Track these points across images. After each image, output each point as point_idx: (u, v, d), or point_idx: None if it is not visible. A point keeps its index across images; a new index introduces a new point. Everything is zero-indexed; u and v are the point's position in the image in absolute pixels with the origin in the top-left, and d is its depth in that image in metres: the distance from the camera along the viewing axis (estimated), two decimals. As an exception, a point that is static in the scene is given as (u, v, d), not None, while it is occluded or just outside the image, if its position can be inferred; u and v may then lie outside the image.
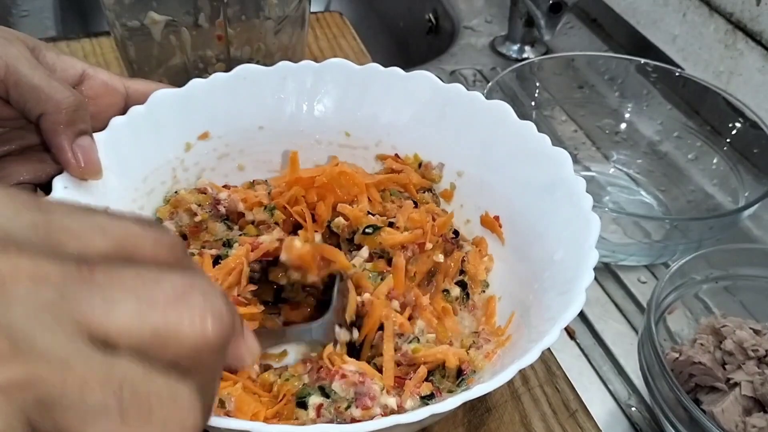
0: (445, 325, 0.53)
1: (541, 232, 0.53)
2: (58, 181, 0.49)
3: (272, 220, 0.57)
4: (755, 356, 0.54)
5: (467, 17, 1.14)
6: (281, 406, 0.46)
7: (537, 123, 0.57)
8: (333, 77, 0.62)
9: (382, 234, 0.53)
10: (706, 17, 0.93)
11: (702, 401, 0.55)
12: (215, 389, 0.25)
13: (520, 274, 0.54)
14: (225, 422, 0.39)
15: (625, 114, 0.87)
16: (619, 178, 0.84)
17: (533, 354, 0.41)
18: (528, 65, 0.83)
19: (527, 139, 0.56)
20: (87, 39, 0.86)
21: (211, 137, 0.60)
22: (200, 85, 0.59)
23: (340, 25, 0.94)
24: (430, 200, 0.61)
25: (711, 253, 0.61)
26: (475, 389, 0.40)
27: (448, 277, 0.56)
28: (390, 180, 0.60)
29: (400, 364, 0.49)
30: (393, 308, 0.51)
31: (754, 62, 0.86)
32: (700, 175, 0.80)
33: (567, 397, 0.53)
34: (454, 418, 0.51)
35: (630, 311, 0.69)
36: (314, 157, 0.64)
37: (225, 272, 0.51)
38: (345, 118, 0.63)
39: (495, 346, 0.50)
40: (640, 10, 1.05)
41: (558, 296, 0.47)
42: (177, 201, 0.56)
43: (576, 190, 0.52)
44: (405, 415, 0.39)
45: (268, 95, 0.61)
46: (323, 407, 0.45)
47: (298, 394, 0.46)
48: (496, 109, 0.58)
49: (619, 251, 0.69)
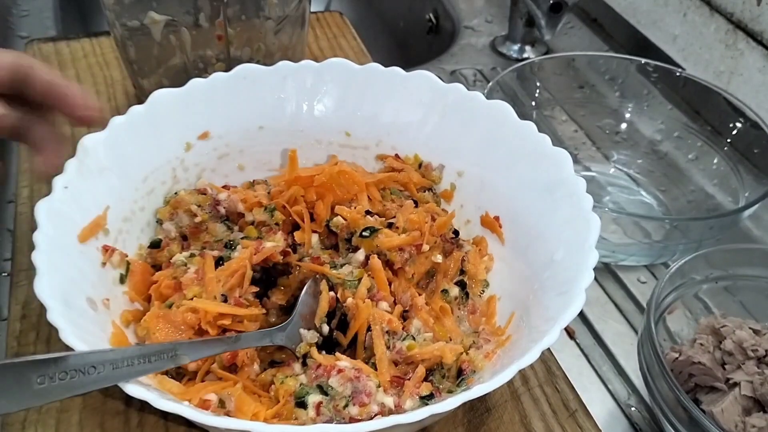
0: (444, 324, 0.53)
1: (541, 232, 0.53)
2: (58, 181, 0.49)
3: (272, 220, 0.57)
4: (755, 356, 0.54)
5: (467, 17, 1.14)
6: (280, 406, 0.46)
7: (537, 123, 0.57)
8: (333, 77, 0.62)
9: (379, 236, 0.54)
10: (706, 17, 0.93)
11: (702, 401, 0.55)
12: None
13: (520, 274, 0.54)
14: (225, 422, 0.39)
15: (625, 114, 0.87)
16: (619, 178, 0.84)
17: (533, 354, 0.41)
18: (528, 65, 0.83)
19: (527, 139, 0.56)
20: (87, 39, 0.86)
21: (211, 137, 0.60)
22: (200, 85, 0.59)
23: (340, 25, 0.94)
24: (431, 199, 0.61)
25: (711, 253, 0.61)
26: (475, 389, 0.40)
27: (447, 277, 0.56)
28: (390, 179, 0.60)
29: (397, 363, 0.49)
30: (382, 309, 0.51)
31: (755, 62, 0.86)
32: (701, 175, 0.80)
33: (567, 397, 0.53)
34: (454, 418, 0.51)
35: (630, 311, 0.69)
36: (314, 157, 0.64)
37: (227, 274, 0.51)
38: (345, 118, 0.63)
39: (495, 346, 0.50)
40: (641, 10, 1.05)
41: (558, 296, 0.47)
42: (177, 202, 0.56)
43: (576, 190, 0.52)
44: (405, 414, 0.39)
45: (268, 95, 0.61)
46: (322, 405, 0.45)
47: (297, 393, 0.46)
48: (497, 109, 0.59)
49: (619, 251, 0.69)
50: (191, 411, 0.39)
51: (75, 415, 0.49)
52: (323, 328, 0.51)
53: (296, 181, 0.58)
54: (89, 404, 0.50)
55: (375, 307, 0.51)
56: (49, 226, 0.47)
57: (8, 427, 0.48)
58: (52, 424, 0.49)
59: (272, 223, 0.57)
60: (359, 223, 0.55)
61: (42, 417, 0.49)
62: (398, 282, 0.55)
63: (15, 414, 0.49)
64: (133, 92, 0.79)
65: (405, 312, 0.53)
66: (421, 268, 0.55)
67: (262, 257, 0.53)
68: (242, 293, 0.51)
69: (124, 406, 0.50)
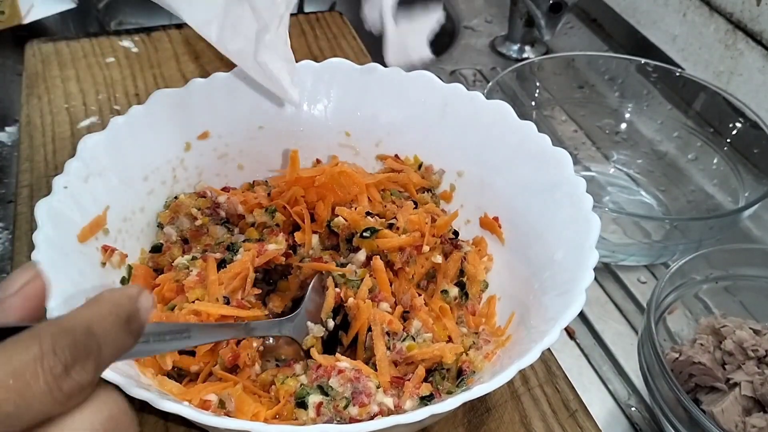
0: (443, 324, 0.53)
1: (541, 232, 0.53)
2: (58, 181, 0.49)
3: (273, 222, 0.57)
4: (755, 356, 0.54)
5: (467, 17, 1.14)
6: (280, 406, 0.46)
7: (537, 123, 0.57)
8: (333, 77, 0.62)
9: (380, 237, 0.54)
10: (706, 17, 0.93)
11: (702, 401, 0.55)
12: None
13: (520, 275, 0.54)
14: (225, 422, 0.39)
15: (625, 114, 0.87)
16: (619, 178, 0.84)
17: (533, 354, 0.41)
18: (528, 65, 0.83)
19: (527, 139, 0.56)
20: (87, 39, 0.86)
21: (211, 137, 0.60)
22: (200, 85, 0.59)
23: (340, 25, 0.94)
24: (430, 200, 0.61)
25: (711, 253, 0.61)
26: (475, 389, 0.40)
27: (447, 278, 0.56)
28: (390, 180, 0.60)
29: (397, 364, 0.49)
30: (383, 309, 0.51)
31: (755, 62, 0.86)
32: (700, 175, 0.80)
33: (567, 397, 0.53)
34: (454, 418, 0.51)
35: (630, 311, 0.69)
36: (314, 157, 0.64)
37: (230, 277, 0.51)
38: (345, 118, 0.63)
39: (495, 346, 0.50)
40: (640, 10, 1.05)
41: (558, 296, 0.47)
42: (177, 206, 0.56)
43: (576, 190, 0.52)
44: (405, 415, 0.39)
45: (268, 95, 0.61)
46: (322, 405, 0.45)
47: (298, 394, 0.46)
48: (496, 109, 0.59)
49: (619, 251, 0.69)
50: (191, 411, 0.39)
51: (75, 415, 0.49)
52: (329, 323, 0.51)
53: (297, 182, 0.58)
54: (89, 404, 0.50)
55: (376, 308, 0.51)
56: (49, 226, 0.47)
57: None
58: (52, 424, 0.49)
59: (273, 224, 0.57)
60: (360, 224, 0.55)
61: (42, 417, 0.49)
62: (399, 283, 0.55)
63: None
64: (133, 92, 0.79)
65: (405, 312, 0.53)
66: (421, 269, 0.55)
67: (265, 260, 0.53)
68: (244, 295, 0.51)
69: (124, 406, 0.50)
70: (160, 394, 0.41)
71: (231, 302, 0.50)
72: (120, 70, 0.81)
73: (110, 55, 0.84)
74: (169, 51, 0.85)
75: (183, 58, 0.84)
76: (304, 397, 0.45)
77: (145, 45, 0.86)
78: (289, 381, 0.47)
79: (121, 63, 0.83)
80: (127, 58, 0.84)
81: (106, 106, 0.77)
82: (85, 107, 0.76)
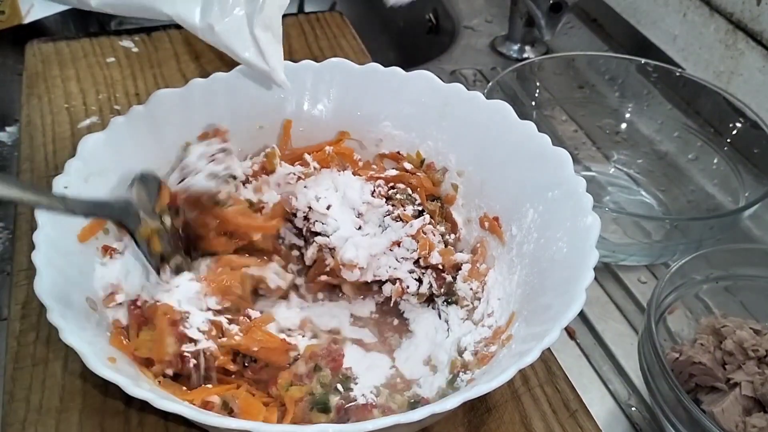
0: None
1: (541, 232, 0.53)
2: (58, 181, 0.49)
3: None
4: (755, 356, 0.54)
5: (467, 17, 1.14)
6: (291, 415, 0.46)
7: (537, 123, 0.57)
8: (333, 77, 0.62)
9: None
10: (706, 17, 0.93)
11: (702, 401, 0.55)
12: None
13: (519, 275, 0.54)
14: (225, 422, 0.39)
15: (625, 114, 0.87)
16: (619, 178, 0.84)
17: (533, 354, 0.41)
18: (528, 65, 0.83)
19: (527, 139, 0.56)
20: (87, 39, 0.86)
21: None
22: (200, 85, 0.59)
23: (340, 25, 0.94)
24: (437, 209, 0.60)
25: (711, 253, 0.61)
26: (475, 389, 0.40)
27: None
28: (403, 178, 0.60)
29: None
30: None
31: (755, 62, 0.86)
32: (701, 175, 0.80)
33: (567, 397, 0.53)
34: (454, 418, 0.51)
35: (630, 311, 0.69)
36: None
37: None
38: (345, 118, 0.63)
39: (495, 347, 0.50)
40: (641, 10, 1.05)
41: (558, 296, 0.47)
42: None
43: (576, 190, 0.52)
44: (405, 414, 0.39)
45: (268, 95, 0.61)
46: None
47: (317, 401, 0.46)
48: (496, 109, 0.58)
49: (619, 251, 0.69)
50: (191, 410, 0.39)
51: (75, 415, 0.49)
52: (165, 219, 0.51)
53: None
54: (89, 404, 0.50)
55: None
56: (49, 226, 0.47)
57: (8, 427, 0.48)
58: (52, 424, 0.49)
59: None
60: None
61: (42, 417, 0.49)
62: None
63: (15, 414, 0.49)
64: (133, 92, 0.79)
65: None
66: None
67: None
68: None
69: (124, 406, 0.50)
70: (160, 394, 0.41)
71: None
72: (120, 70, 0.81)
73: (110, 55, 0.84)
74: (169, 51, 0.85)
75: (183, 58, 0.84)
76: (326, 402, 0.46)
77: (145, 45, 0.86)
78: (293, 390, 0.47)
79: (121, 63, 0.83)
80: (128, 58, 0.84)
81: (106, 106, 0.77)
82: (85, 107, 0.76)
